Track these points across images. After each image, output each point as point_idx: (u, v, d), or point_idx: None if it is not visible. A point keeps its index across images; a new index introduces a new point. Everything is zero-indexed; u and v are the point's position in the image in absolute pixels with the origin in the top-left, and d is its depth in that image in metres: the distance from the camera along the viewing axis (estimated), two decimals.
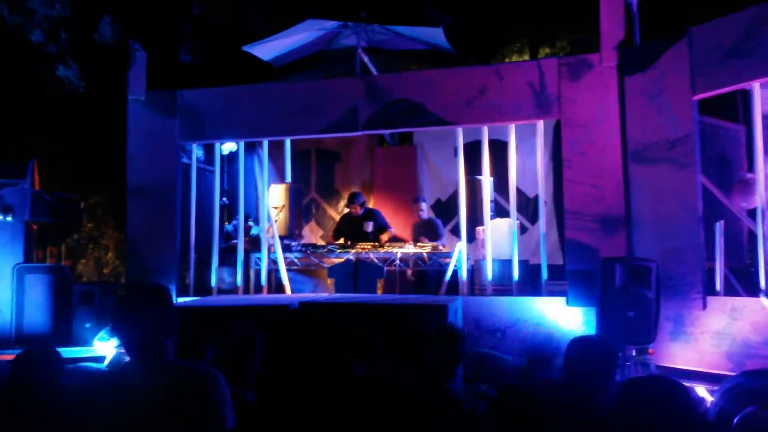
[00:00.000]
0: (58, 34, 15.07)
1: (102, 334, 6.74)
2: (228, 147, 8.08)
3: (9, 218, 6.91)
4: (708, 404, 4.68)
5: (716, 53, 5.14)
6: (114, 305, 2.14)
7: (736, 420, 3.97)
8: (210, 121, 6.91)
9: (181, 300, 6.29)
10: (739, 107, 6.03)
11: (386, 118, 6.46)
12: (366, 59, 8.01)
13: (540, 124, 6.24)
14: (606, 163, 5.74)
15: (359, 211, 7.51)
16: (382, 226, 7.49)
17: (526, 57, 13.28)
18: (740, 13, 5.02)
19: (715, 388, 4.79)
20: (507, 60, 13.17)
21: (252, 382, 2.71)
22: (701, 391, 5.28)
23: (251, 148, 8.76)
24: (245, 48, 7.74)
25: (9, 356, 5.45)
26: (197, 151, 7.60)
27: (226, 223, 8.31)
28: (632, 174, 5.66)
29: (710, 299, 5.16)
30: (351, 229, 7.39)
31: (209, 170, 7.83)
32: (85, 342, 6.67)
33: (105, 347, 6.67)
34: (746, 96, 5.50)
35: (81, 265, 13.78)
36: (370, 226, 7.36)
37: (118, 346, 6.62)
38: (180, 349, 2.17)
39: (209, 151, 8.04)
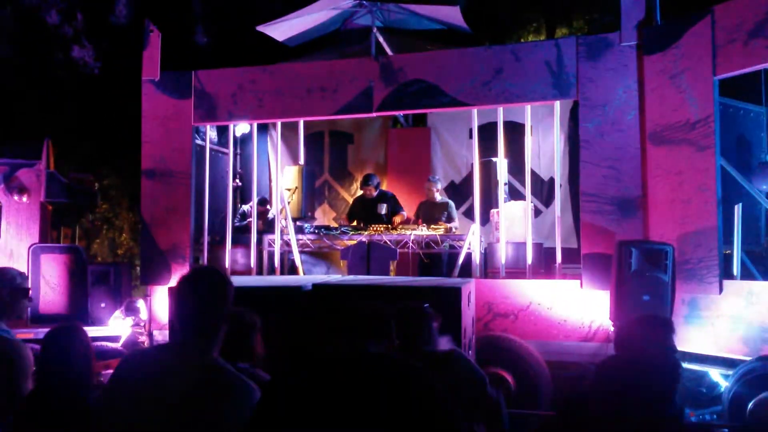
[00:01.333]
0: (74, 15, 15.10)
1: (117, 313, 6.81)
2: (241, 129, 8.07)
3: (24, 199, 6.97)
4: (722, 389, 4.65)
5: (739, 33, 5.02)
6: (178, 285, 2.09)
7: (751, 405, 3.92)
8: (224, 102, 6.89)
9: None
10: (761, 88, 5.90)
11: (401, 99, 6.40)
12: (381, 39, 7.92)
13: (557, 105, 6.16)
14: (624, 145, 5.65)
15: (373, 193, 7.48)
16: (395, 209, 7.47)
17: (543, 37, 13.08)
18: None
19: (731, 372, 4.75)
20: (523, 40, 12.99)
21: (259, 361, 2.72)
22: (716, 375, 5.25)
23: (264, 130, 8.75)
24: (260, 28, 7.68)
25: (25, 335, 5.53)
26: (210, 133, 7.60)
27: (242, 205, 8.33)
28: (650, 156, 5.57)
29: (726, 283, 5.09)
30: (365, 212, 7.37)
31: (223, 152, 7.83)
32: (101, 321, 6.75)
33: (120, 327, 6.75)
34: None
35: (96, 245, 13.92)
36: (383, 209, 7.33)
37: (133, 326, 6.70)
38: None
39: (222, 132, 8.03)
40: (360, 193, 7.80)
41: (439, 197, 7.50)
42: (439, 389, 1.79)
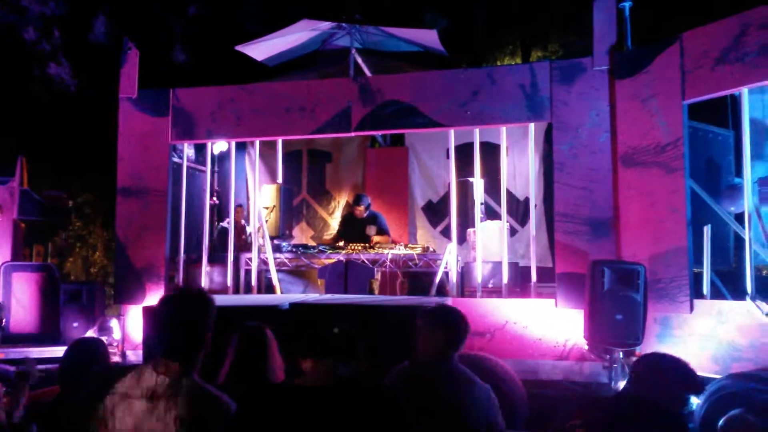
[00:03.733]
0: (51, 32, 14.99)
1: (90, 333, 6.70)
2: (219, 146, 8.06)
3: None
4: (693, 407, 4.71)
5: (706, 59, 5.18)
6: (162, 306, 2.07)
7: (721, 422, 3.99)
8: (202, 120, 6.88)
9: None
10: (728, 112, 6.08)
11: (379, 120, 6.47)
12: (360, 60, 8.01)
13: (531, 127, 6.27)
14: (597, 167, 5.77)
15: (364, 213, 7.49)
16: (381, 230, 7.49)
17: (518, 60, 13.32)
18: (730, 19, 5.06)
19: None
20: (499, 63, 13.22)
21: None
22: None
23: (242, 148, 8.75)
24: (239, 48, 7.72)
25: None
26: (188, 150, 7.57)
27: (220, 223, 8.29)
28: (622, 177, 5.69)
29: (697, 302, 5.20)
30: (353, 231, 7.37)
31: (200, 170, 7.80)
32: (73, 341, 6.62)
33: None
34: (735, 101, 5.55)
35: (69, 263, 13.69)
36: (373, 230, 7.36)
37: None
38: None
39: (200, 150, 8.01)
40: (348, 212, 7.79)
41: (365, 214, 7.53)
42: (407, 411, 1.81)
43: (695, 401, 4.80)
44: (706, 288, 5.35)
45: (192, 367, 2.05)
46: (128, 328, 6.58)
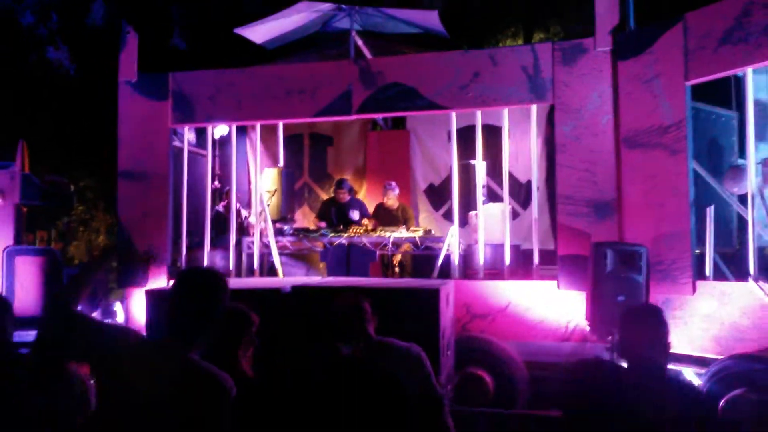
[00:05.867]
0: (49, 16, 14.88)
1: (94, 316, 6.72)
2: (220, 130, 8.03)
3: None
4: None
5: (710, 39, 5.13)
6: (175, 285, 2.07)
7: (722, 402, 4.02)
8: (202, 104, 6.85)
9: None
10: (731, 93, 6.03)
11: (380, 102, 6.43)
12: (360, 42, 7.94)
13: (533, 109, 6.23)
14: (599, 148, 5.74)
15: (347, 197, 7.53)
16: (363, 215, 7.56)
17: (520, 42, 13.21)
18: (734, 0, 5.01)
19: (704, 371, 4.84)
20: (501, 45, 13.12)
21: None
22: (689, 374, 5.34)
23: (243, 132, 8.71)
24: (237, 30, 7.65)
25: None
26: (189, 135, 7.55)
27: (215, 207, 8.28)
28: (625, 159, 5.67)
29: (700, 284, 5.20)
30: (337, 214, 7.43)
31: (201, 154, 7.78)
32: None
33: None
34: (739, 82, 5.50)
35: (72, 247, 13.72)
36: (356, 214, 7.40)
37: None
38: None
39: (201, 134, 7.98)
40: (331, 195, 7.83)
41: (396, 203, 7.57)
42: (404, 390, 1.83)
43: (697, 381, 4.83)
44: (709, 269, 5.36)
45: (193, 346, 2.05)
46: (132, 312, 6.61)
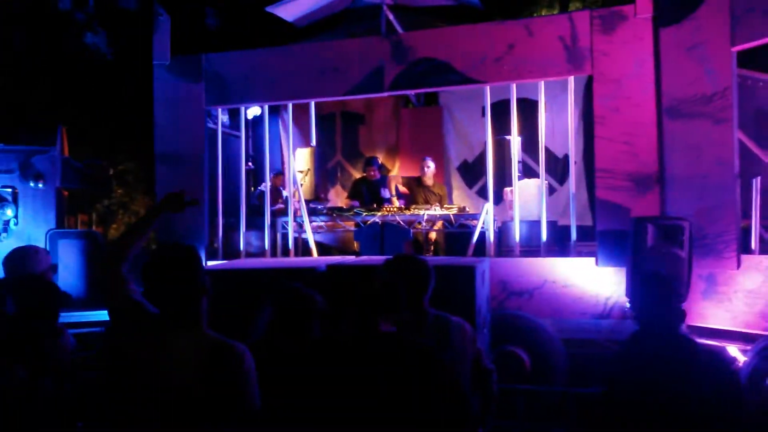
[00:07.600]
0: (85, 1, 15.10)
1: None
2: (252, 111, 8.06)
3: (40, 185, 7.02)
4: (740, 364, 4.61)
5: (759, 1, 4.90)
6: (144, 267, 2.15)
7: None
8: (235, 85, 6.87)
9: (210, 263, 6.37)
10: None
11: (412, 78, 6.34)
12: (391, 17, 7.83)
13: (571, 81, 6.07)
14: (640, 119, 5.56)
15: (377, 175, 7.47)
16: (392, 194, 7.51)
17: (556, 11, 12.87)
18: None
19: (749, 347, 4.71)
20: (536, 15, 12.79)
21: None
22: (734, 350, 5.20)
23: (275, 112, 8.72)
24: (268, 9, 7.63)
25: None
26: (222, 116, 7.60)
27: (258, 187, 8.35)
28: (667, 130, 5.48)
29: (744, 258, 5.03)
30: (368, 193, 7.38)
31: (235, 135, 7.83)
32: None
33: None
34: None
35: (112, 230, 14.06)
36: (387, 192, 7.35)
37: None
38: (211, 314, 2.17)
39: (234, 115, 8.03)
40: (362, 175, 7.79)
41: (431, 180, 7.40)
42: (449, 367, 1.79)
43: (742, 358, 4.70)
44: (754, 243, 5.18)
45: (195, 317, 2.08)
46: None
